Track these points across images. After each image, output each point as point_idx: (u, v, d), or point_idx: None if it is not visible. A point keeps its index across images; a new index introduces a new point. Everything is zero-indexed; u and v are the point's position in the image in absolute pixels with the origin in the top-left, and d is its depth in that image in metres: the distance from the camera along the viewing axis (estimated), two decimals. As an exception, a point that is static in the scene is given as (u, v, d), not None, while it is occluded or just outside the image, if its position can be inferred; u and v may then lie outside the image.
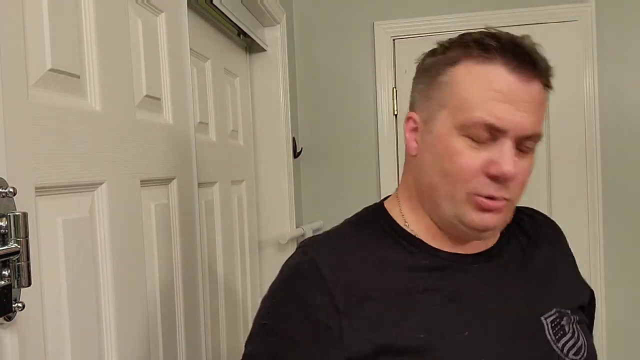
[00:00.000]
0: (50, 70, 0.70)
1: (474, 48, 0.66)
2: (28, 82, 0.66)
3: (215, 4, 1.44)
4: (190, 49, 1.18)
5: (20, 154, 0.63)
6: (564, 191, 2.06)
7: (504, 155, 0.64)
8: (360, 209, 0.80)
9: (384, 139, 2.18)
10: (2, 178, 0.59)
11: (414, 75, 0.77)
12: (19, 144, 0.62)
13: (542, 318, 0.72)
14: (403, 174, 0.78)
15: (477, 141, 0.65)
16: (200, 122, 1.42)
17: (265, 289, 0.71)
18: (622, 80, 2.05)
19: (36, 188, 0.66)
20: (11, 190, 0.58)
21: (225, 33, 1.70)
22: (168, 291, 1.03)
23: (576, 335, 0.72)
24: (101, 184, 0.81)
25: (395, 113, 2.23)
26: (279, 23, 1.92)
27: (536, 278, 0.76)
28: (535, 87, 0.66)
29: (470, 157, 0.65)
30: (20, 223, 0.59)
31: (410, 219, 0.74)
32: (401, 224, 0.74)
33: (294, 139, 2.04)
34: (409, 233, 0.73)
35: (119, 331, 0.84)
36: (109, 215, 0.82)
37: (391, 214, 0.75)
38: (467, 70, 0.66)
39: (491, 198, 0.65)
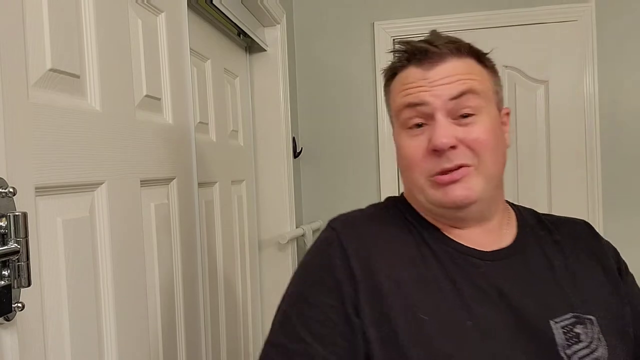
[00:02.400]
0: (50, 70, 0.70)
1: (397, 64, 0.76)
2: (28, 82, 0.66)
3: (215, 4, 1.44)
4: (190, 49, 1.18)
5: (20, 154, 0.63)
6: (563, 191, 2.06)
7: (435, 129, 0.69)
8: (359, 209, 0.83)
9: (384, 139, 2.18)
10: (2, 178, 0.59)
11: None
12: (18, 144, 0.62)
13: (552, 321, 0.68)
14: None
15: (413, 127, 0.72)
16: (200, 122, 1.42)
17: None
18: (622, 80, 2.05)
19: (36, 188, 0.66)
20: (11, 190, 0.58)
21: (225, 33, 1.70)
22: (168, 291, 1.03)
23: (594, 344, 0.68)
24: (101, 184, 0.81)
25: (395, 113, 2.23)
26: (279, 23, 1.92)
27: (554, 282, 0.73)
28: (442, 68, 0.72)
29: (413, 145, 0.72)
30: (20, 223, 0.59)
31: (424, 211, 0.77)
32: (422, 213, 0.77)
33: (294, 139, 2.04)
34: (428, 222, 0.76)
35: (119, 331, 0.84)
36: (108, 215, 0.82)
37: (412, 205, 0.79)
38: (395, 81, 0.77)
39: (445, 172, 0.69)
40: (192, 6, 1.38)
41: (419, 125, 0.72)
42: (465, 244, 0.73)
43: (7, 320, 0.59)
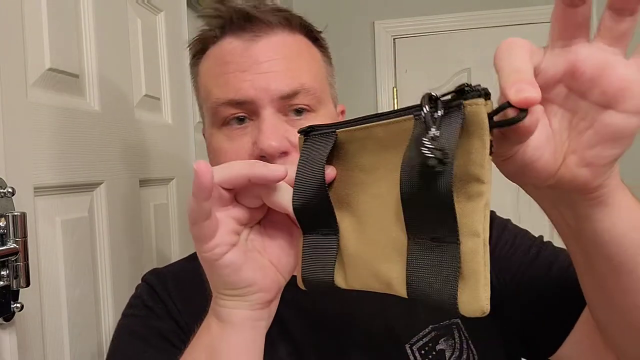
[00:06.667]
0: (49, 69, 0.69)
1: (208, 33, 0.61)
2: (27, 82, 0.65)
3: (215, 4, 1.44)
4: (190, 48, 1.18)
5: (19, 153, 0.62)
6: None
7: (261, 130, 0.54)
8: (182, 258, 0.73)
9: (384, 139, 2.18)
10: (0, 178, 0.58)
11: None
12: (17, 143, 0.62)
13: (408, 345, 0.56)
14: None
15: (239, 125, 0.57)
16: (199, 122, 1.42)
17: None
18: (623, 79, 2.05)
19: (35, 188, 0.65)
20: (10, 190, 0.58)
21: (225, 32, 1.69)
22: (167, 291, 1.03)
23: (464, 356, 0.57)
24: (100, 183, 0.81)
25: (395, 113, 2.22)
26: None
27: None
28: (272, 41, 0.57)
29: (233, 149, 0.56)
30: (19, 223, 0.59)
31: None
32: None
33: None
34: None
35: (118, 331, 0.84)
36: (108, 215, 0.82)
37: None
38: (206, 59, 0.61)
39: None
40: (191, 5, 1.38)
41: (239, 120, 0.57)
42: None
43: (6, 321, 0.59)
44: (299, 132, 0.44)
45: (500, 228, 0.64)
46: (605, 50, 0.33)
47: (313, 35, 0.63)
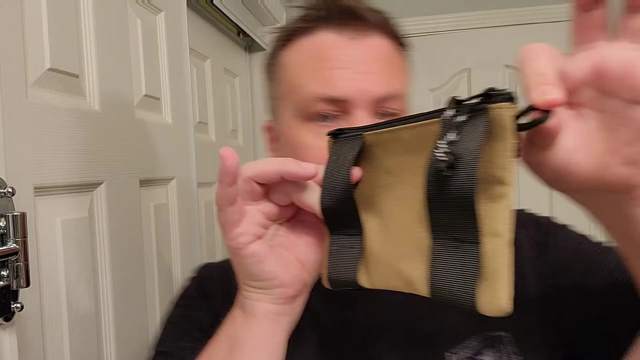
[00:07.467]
0: (49, 69, 0.69)
1: (298, 24, 0.59)
2: (27, 82, 0.65)
3: (215, 4, 1.44)
4: (190, 48, 1.18)
5: (19, 153, 0.62)
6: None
7: None
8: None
9: (384, 139, 2.17)
10: (0, 178, 0.58)
11: None
12: (17, 143, 0.62)
13: (448, 353, 0.55)
14: None
15: (325, 122, 0.55)
16: (199, 122, 1.42)
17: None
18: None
19: (35, 188, 0.65)
20: (10, 190, 0.58)
21: (225, 32, 1.69)
22: (167, 291, 1.03)
23: None
24: (100, 184, 0.81)
25: (395, 113, 2.22)
26: (279, 22, 1.92)
27: None
28: (372, 43, 0.57)
29: (319, 146, 0.53)
30: (19, 223, 0.59)
31: None
32: None
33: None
34: None
35: (118, 332, 0.84)
36: (108, 215, 0.82)
37: None
38: (293, 50, 0.59)
39: None
40: (191, 5, 1.38)
41: (323, 117, 0.55)
42: None
43: (6, 321, 0.59)
44: (328, 134, 0.46)
45: (561, 234, 0.61)
46: (627, 48, 0.33)
47: (400, 42, 0.62)
